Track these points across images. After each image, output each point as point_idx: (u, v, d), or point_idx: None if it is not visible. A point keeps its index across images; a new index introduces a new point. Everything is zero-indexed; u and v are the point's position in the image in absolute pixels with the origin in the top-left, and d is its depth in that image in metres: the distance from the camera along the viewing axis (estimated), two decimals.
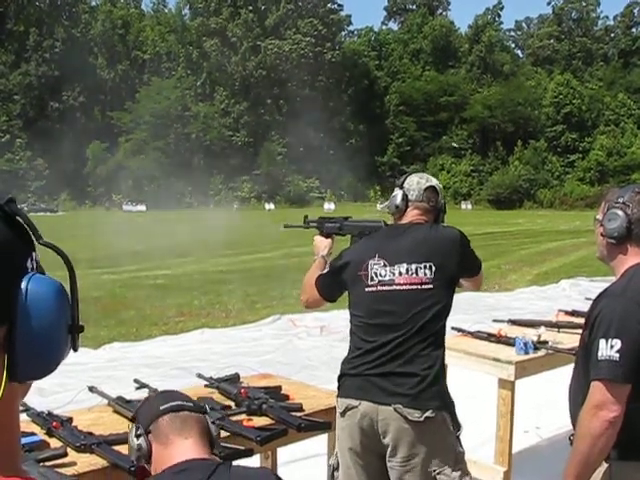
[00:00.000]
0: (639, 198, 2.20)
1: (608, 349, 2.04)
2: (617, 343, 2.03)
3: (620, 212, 2.20)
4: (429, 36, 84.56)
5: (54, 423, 2.48)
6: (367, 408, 2.54)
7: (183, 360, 6.99)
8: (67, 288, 0.85)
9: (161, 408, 1.57)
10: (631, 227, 2.19)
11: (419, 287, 2.59)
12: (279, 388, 3.10)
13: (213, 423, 1.64)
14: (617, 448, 2.07)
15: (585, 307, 2.88)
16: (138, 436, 1.56)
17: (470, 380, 4.69)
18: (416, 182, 2.81)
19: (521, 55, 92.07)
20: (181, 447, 1.44)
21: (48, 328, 0.79)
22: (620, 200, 2.22)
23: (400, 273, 2.61)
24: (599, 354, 2.05)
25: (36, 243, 0.83)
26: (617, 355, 2.02)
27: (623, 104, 74.57)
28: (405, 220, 2.80)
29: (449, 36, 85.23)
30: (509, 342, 3.82)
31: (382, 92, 79.35)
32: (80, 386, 3.14)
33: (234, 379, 3.22)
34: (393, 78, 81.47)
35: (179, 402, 1.59)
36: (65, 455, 2.26)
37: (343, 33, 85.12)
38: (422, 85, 78.08)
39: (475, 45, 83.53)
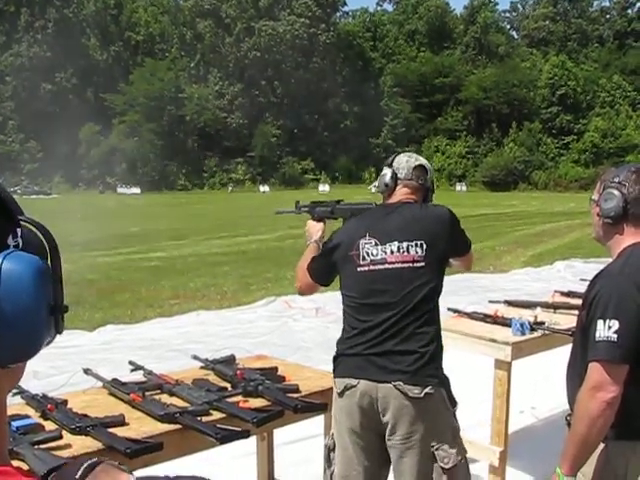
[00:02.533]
0: (635, 177, 2.18)
1: (606, 330, 2.02)
2: (615, 324, 2.02)
3: (616, 192, 2.18)
4: (424, 17, 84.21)
5: (49, 405, 2.47)
6: (366, 386, 2.53)
7: (178, 342, 7.00)
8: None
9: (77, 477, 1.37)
10: (627, 207, 2.17)
11: (411, 265, 2.57)
12: (275, 369, 3.08)
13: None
14: (614, 428, 2.07)
15: (580, 288, 2.87)
16: None
17: (466, 361, 4.70)
18: (405, 161, 2.81)
19: (516, 36, 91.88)
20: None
21: (24, 309, 0.74)
22: (616, 180, 2.21)
23: (391, 251, 2.59)
24: (597, 335, 2.04)
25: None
26: (615, 336, 2.01)
27: (618, 86, 74.43)
28: (394, 199, 2.79)
29: (444, 17, 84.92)
30: (505, 323, 3.82)
31: (377, 73, 79.06)
32: (75, 368, 3.13)
33: (230, 361, 3.21)
34: (388, 59, 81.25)
35: (92, 460, 1.39)
36: (60, 437, 2.24)
37: (338, 14, 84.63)
38: (417, 66, 77.86)
39: (470, 26, 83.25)
